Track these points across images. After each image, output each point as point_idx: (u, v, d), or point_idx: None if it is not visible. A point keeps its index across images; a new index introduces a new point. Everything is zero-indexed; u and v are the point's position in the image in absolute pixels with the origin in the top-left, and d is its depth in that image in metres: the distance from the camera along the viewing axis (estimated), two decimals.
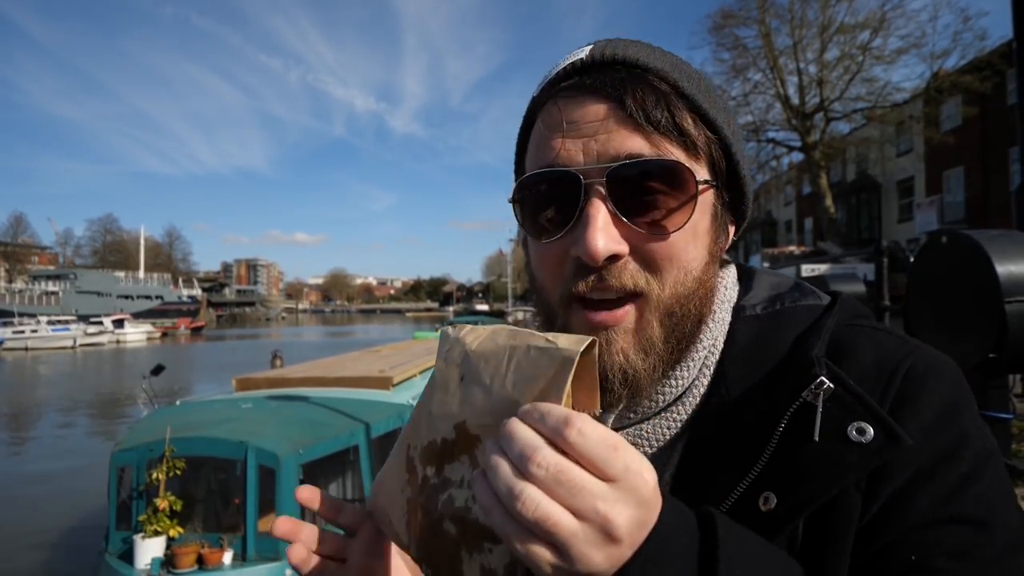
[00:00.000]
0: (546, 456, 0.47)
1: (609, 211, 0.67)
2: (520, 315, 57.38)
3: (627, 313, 0.69)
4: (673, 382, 0.74)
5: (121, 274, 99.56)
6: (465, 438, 0.58)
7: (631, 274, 0.68)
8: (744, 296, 0.80)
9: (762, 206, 42.19)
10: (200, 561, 5.75)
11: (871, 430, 0.61)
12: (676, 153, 0.68)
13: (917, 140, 28.22)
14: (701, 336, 0.75)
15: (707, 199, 0.71)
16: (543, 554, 0.46)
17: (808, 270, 19.69)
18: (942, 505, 0.61)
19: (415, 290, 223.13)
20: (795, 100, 28.39)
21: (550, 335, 0.55)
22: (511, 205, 0.76)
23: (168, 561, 5.72)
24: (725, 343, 0.76)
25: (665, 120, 0.67)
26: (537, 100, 0.75)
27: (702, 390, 0.74)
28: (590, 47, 0.72)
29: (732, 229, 0.79)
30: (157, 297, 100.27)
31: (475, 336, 0.61)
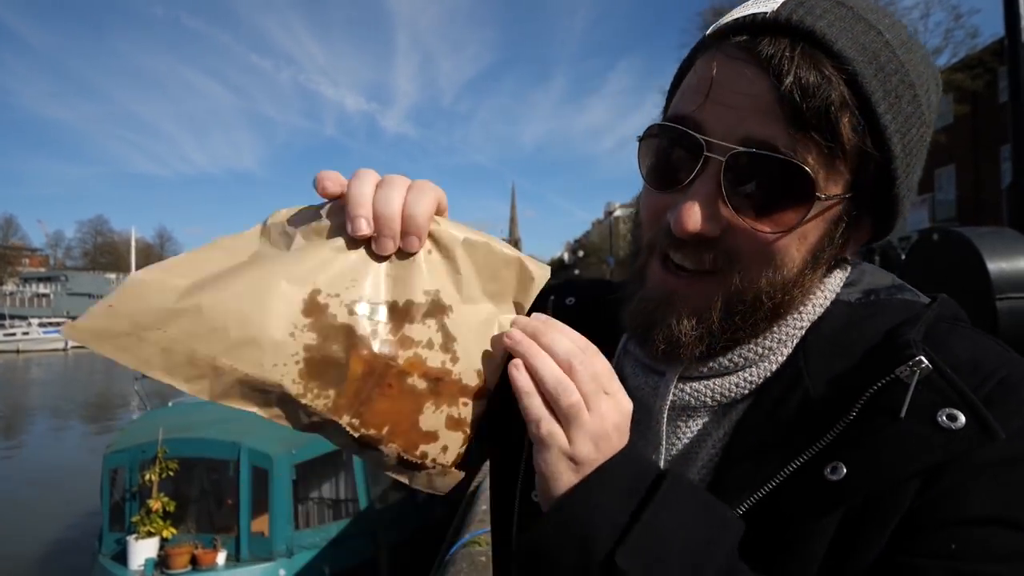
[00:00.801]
0: (585, 360, 0.61)
1: (717, 190, 0.65)
2: None
3: (695, 286, 0.70)
4: (757, 348, 0.73)
5: (112, 276, 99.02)
6: (437, 307, 0.65)
7: (713, 256, 0.68)
8: (843, 287, 0.78)
9: None
10: (194, 562, 5.74)
11: (963, 418, 0.58)
12: (812, 157, 0.63)
13: None
14: (792, 319, 0.73)
15: (830, 211, 0.67)
16: (559, 436, 0.60)
17: None
18: (1000, 507, 0.59)
19: None
20: None
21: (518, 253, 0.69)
22: (637, 141, 0.74)
23: (162, 562, 5.71)
24: (814, 324, 0.74)
25: (817, 117, 0.61)
26: (705, 42, 0.70)
27: (781, 359, 0.72)
28: None
29: (863, 238, 0.75)
30: None
31: (464, 230, 0.67)
